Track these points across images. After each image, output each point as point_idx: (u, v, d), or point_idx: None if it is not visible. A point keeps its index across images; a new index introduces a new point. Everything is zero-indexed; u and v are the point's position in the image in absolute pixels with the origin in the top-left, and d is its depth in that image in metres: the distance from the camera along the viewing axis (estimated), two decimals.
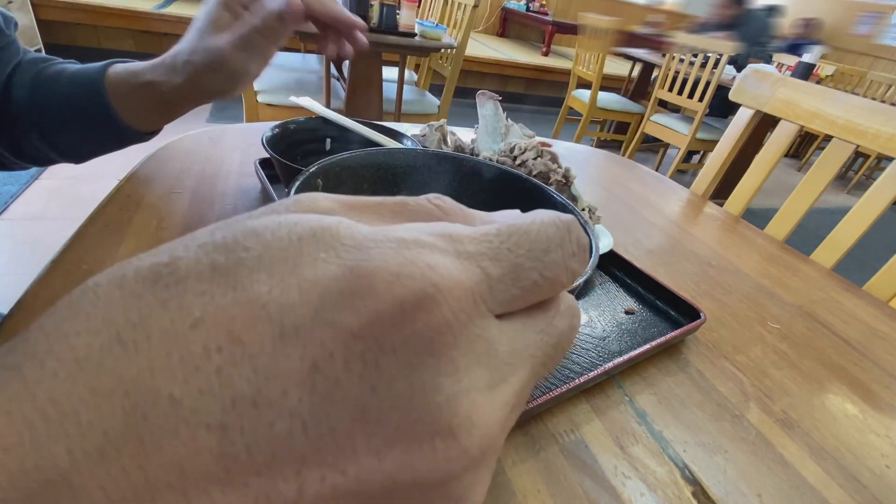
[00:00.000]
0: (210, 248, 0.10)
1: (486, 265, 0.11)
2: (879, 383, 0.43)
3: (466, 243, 0.11)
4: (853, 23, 4.97)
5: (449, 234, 0.11)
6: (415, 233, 0.11)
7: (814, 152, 3.93)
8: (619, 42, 2.75)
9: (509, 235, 0.12)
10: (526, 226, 0.12)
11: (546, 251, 0.12)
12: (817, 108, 0.71)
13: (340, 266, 0.10)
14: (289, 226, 0.10)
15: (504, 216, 0.13)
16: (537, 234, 0.12)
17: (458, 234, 0.11)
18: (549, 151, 0.45)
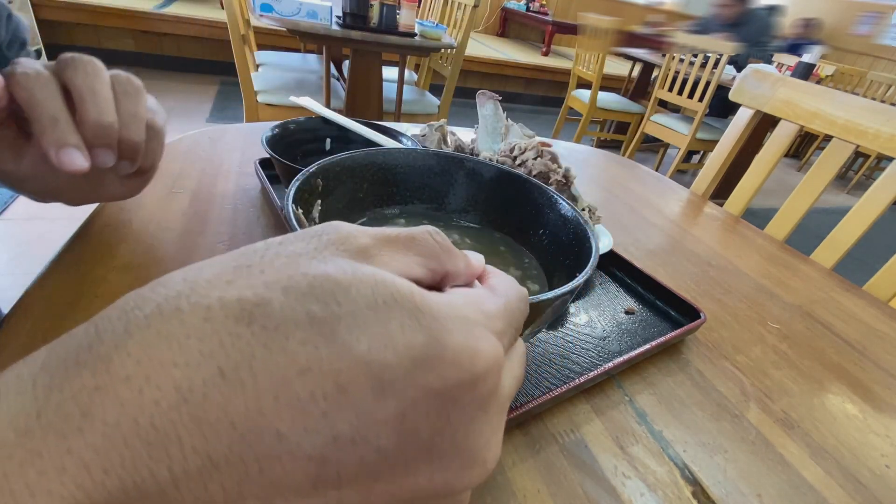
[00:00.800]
0: (300, 295, 0.11)
1: (505, 342, 0.14)
2: (879, 383, 0.43)
3: (496, 322, 0.14)
4: (853, 23, 4.97)
5: (487, 314, 0.14)
6: (468, 311, 0.13)
7: (814, 152, 3.93)
8: (619, 42, 2.75)
9: (509, 313, 0.15)
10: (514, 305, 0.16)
11: (521, 317, 0.17)
12: (817, 108, 0.71)
13: (426, 336, 0.12)
14: (371, 285, 0.12)
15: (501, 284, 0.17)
16: (517, 311, 0.16)
17: (490, 313, 0.14)
18: (549, 151, 0.45)
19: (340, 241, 0.13)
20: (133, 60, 2.96)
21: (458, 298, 0.14)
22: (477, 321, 0.13)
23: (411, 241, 0.15)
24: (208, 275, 0.11)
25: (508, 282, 0.17)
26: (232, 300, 0.11)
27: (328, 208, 0.32)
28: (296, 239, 0.13)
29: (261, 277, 0.11)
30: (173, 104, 2.55)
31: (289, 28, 1.45)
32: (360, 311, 0.11)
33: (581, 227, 0.34)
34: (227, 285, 0.11)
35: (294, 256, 0.12)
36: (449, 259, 0.16)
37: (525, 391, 0.33)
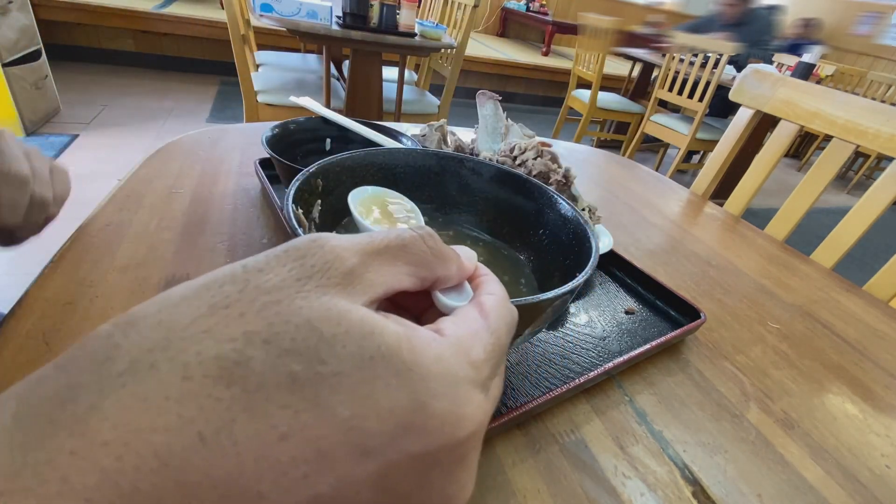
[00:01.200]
0: (282, 351, 0.11)
1: (489, 382, 0.14)
2: (879, 383, 0.43)
3: (484, 368, 0.14)
4: (853, 23, 4.97)
5: (475, 364, 0.13)
6: (456, 365, 0.13)
7: (814, 152, 3.93)
8: (619, 42, 2.75)
9: (499, 348, 0.15)
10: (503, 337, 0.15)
11: (507, 348, 0.16)
12: (817, 108, 0.71)
13: (411, 400, 0.11)
14: (358, 339, 0.11)
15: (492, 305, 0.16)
16: (508, 339, 0.16)
17: (479, 362, 0.14)
18: (549, 151, 0.45)
19: (326, 268, 0.12)
20: (133, 60, 2.96)
21: (446, 349, 0.13)
22: (464, 378, 0.13)
23: (401, 250, 0.14)
24: (184, 319, 0.11)
25: (499, 300, 0.16)
26: (210, 358, 0.10)
27: (328, 208, 0.32)
28: (277, 264, 0.12)
29: (240, 325, 0.11)
30: (173, 104, 2.55)
31: (289, 28, 1.45)
32: (345, 372, 0.11)
33: (581, 227, 0.34)
34: (205, 336, 0.10)
35: (276, 292, 0.11)
36: (440, 265, 0.16)
37: (525, 391, 0.33)
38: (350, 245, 0.13)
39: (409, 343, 0.12)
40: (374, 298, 0.13)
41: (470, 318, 0.15)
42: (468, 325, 0.15)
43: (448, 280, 0.16)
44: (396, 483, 0.11)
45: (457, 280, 0.17)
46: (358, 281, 0.13)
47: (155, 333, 0.10)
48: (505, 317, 0.16)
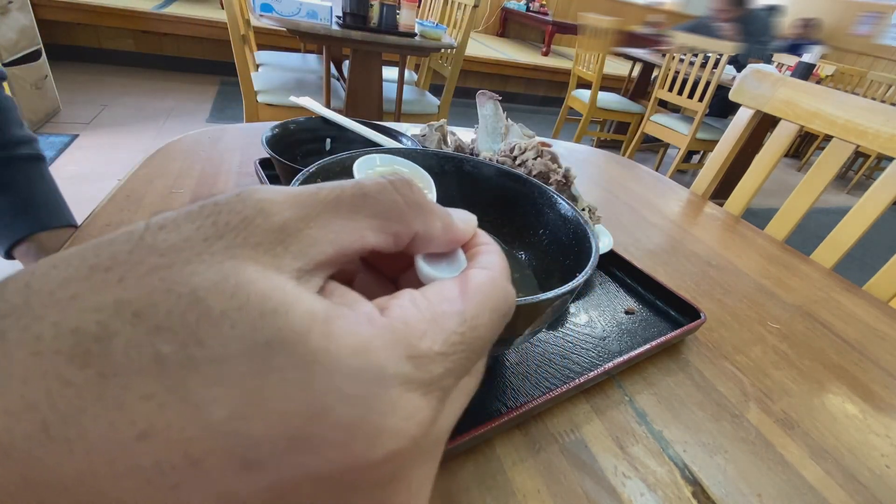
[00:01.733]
0: (153, 327, 0.08)
1: (447, 383, 0.11)
2: (879, 383, 0.43)
3: (433, 365, 0.11)
4: (853, 23, 4.97)
5: (418, 357, 0.10)
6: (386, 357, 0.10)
7: (814, 152, 3.93)
8: (619, 42, 2.75)
9: (472, 341, 0.12)
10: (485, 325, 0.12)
11: (490, 342, 0.13)
12: (817, 108, 0.71)
13: (310, 403, 0.09)
14: (253, 318, 0.09)
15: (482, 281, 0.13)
16: (492, 331, 0.12)
17: (426, 356, 0.10)
18: (549, 151, 0.45)
19: (243, 225, 0.10)
20: (133, 60, 2.96)
21: (376, 336, 0.10)
22: (394, 377, 0.10)
23: (361, 199, 0.12)
24: (55, 279, 0.09)
25: (490, 279, 0.13)
26: (67, 330, 0.08)
27: None
28: (185, 220, 0.10)
29: (115, 291, 0.09)
30: (173, 104, 2.55)
31: (289, 28, 1.45)
32: (228, 359, 0.08)
33: (581, 227, 0.34)
34: (70, 301, 0.08)
35: (171, 253, 0.09)
36: (418, 217, 0.13)
37: (525, 391, 0.33)
38: (284, 197, 0.11)
39: (324, 326, 0.09)
40: (318, 261, 0.11)
41: (442, 296, 0.12)
42: (431, 306, 0.11)
43: (431, 240, 0.13)
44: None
45: (444, 243, 0.14)
46: (292, 240, 0.10)
47: (16, 297, 0.08)
48: (493, 301, 0.12)
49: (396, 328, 0.10)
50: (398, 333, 0.10)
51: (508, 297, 0.13)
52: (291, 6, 1.43)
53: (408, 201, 0.12)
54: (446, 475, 0.27)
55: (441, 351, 0.11)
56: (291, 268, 0.10)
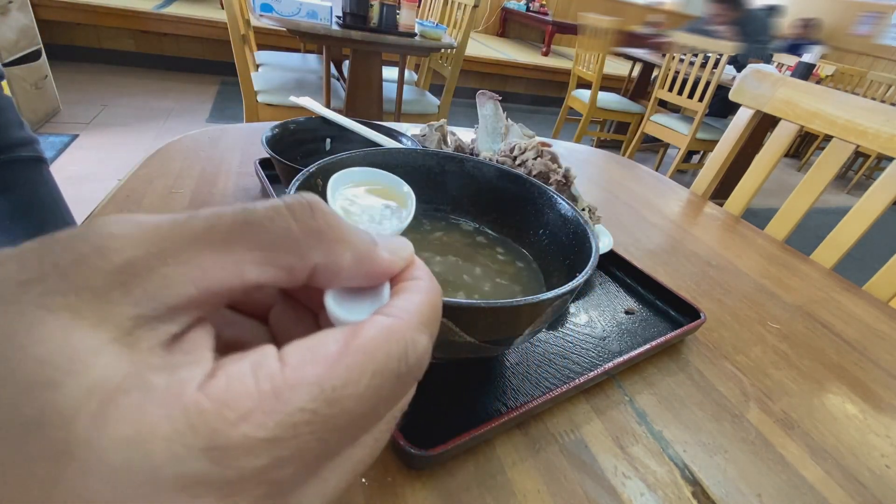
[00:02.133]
0: None
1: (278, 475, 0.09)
2: (879, 383, 0.43)
3: (255, 456, 0.08)
4: (853, 23, 4.97)
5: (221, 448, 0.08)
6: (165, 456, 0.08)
7: (814, 152, 3.93)
8: (619, 42, 2.75)
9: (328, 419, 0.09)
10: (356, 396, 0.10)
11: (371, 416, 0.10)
12: (817, 108, 0.71)
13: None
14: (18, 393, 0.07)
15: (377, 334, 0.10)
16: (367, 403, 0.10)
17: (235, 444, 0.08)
18: (549, 151, 0.45)
19: (77, 265, 0.08)
20: (133, 60, 2.96)
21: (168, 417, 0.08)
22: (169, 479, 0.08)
23: (242, 227, 0.10)
24: None
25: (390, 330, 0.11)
26: None
27: None
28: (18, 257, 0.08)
29: None
30: (173, 104, 2.55)
31: (289, 28, 1.45)
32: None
33: (581, 227, 0.34)
34: None
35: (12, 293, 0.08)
36: (318, 247, 0.11)
37: (525, 391, 0.33)
38: (137, 231, 0.09)
39: (102, 405, 0.08)
40: (171, 305, 0.09)
41: (307, 356, 0.10)
42: (279, 373, 0.09)
43: (337, 273, 0.11)
44: None
45: (358, 276, 0.12)
46: (136, 282, 0.09)
47: None
48: (378, 362, 0.10)
49: (200, 410, 0.08)
50: (200, 417, 0.08)
51: (409, 354, 0.11)
52: (291, 6, 1.43)
53: (304, 228, 0.10)
54: (446, 475, 0.27)
55: (269, 437, 0.08)
56: (124, 317, 0.08)
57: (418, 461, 0.27)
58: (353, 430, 0.10)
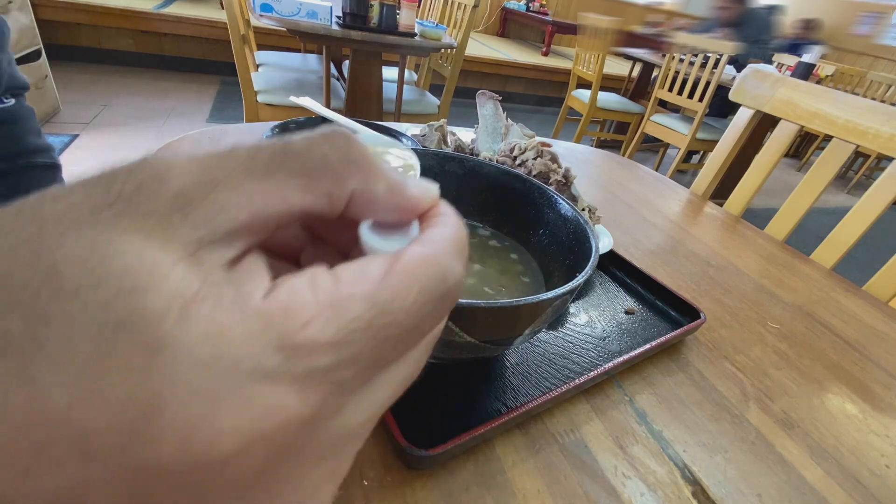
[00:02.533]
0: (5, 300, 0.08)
1: (340, 375, 0.10)
2: (879, 383, 0.43)
3: (320, 356, 0.09)
4: (853, 23, 4.97)
5: (292, 347, 0.09)
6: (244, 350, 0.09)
7: (814, 152, 3.93)
8: (619, 42, 2.75)
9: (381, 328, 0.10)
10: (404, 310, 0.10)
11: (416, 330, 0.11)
12: (817, 108, 0.71)
13: (148, 396, 0.08)
14: (106, 297, 0.08)
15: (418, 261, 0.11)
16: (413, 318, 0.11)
17: (304, 344, 0.09)
18: (549, 151, 0.45)
19: (139, 191, 0.09)
20: (133, 60, 2.96)
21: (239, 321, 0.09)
22: (249, 370, 0.09)
23: (281, 156, 0.10)
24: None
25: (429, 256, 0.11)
26: None
27: None
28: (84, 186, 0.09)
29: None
30: (173, 104, 2.55)
31: (289, 28, 1.45)
32: (72, 340, 0.08)
33: (581, 227, 0.34)
34: None
35: (51, 224, 0.08)
36: (354, 174, 0.11)
37: (525, 391, 0.33)
38: (187, 161, 0.10)
39: (184, 310, 0.09)
40: (227, 229, 0.10)
41: (357, 275, 0.10)
42: (335, 288, 0.10)
43: (372, 203, 0.12)
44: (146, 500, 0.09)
45: (391, 209, 0.12)
46: (193, 207, 0.09)
47: None
48: (423, 281, 0.11)
49: (270, 314, 0.09)
50: (270, 320, 0.09)
51: (448, 277, 0.11)
52: (291, 6, 1.43)
53: (341, 156, 0.11)
54: (446, 475, 0.27)
55: (331, 340, 0.10)
56: (188, 239, 0.09)
57: (418, 461, 0.27)
58: (400, 343, 0.11)
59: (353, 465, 0.28)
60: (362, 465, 0.27)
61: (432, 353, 0.12)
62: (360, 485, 0.26)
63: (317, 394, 0.09)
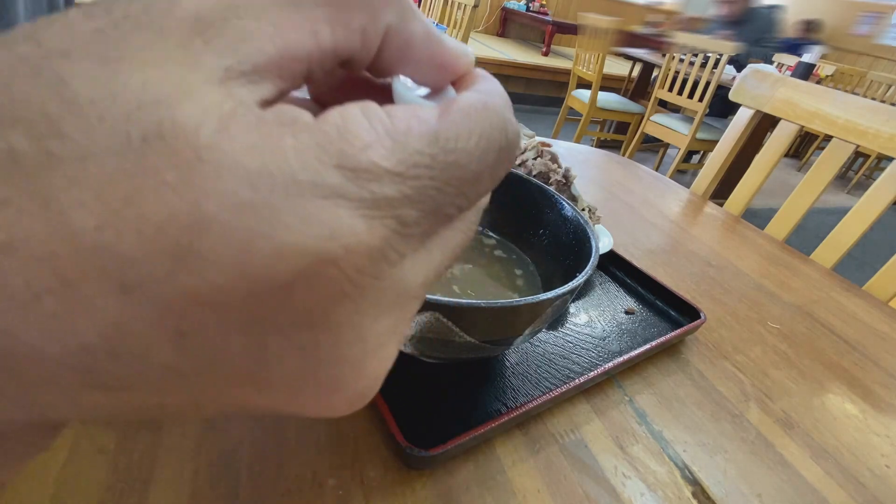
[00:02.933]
0: (13, 118, 0.07)
1: (404, 213, 0.09)
2: (879, 383, 0.43)
3: (384, 184, 0.08)
4: (853, 23, 4.97)
5: (354, 169, 0.08)
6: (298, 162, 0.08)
7: (814, 152, 3.93)
8: (619, 42, 2.75)
9: (445, 168, 0.09)
10: (467, 153, 0.09)
11: (477, 182, 0.10)
12: (817, 108, 0.71)
13: (192, 209, 0.07)
14: (128, 111, 0.07)
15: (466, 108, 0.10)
16: (476, 164, 0.10)
17: (366, 168, 0.08)
18: (549, 151, 0.45)
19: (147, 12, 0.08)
20: None
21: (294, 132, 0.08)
22: (307, 184, 0.08)
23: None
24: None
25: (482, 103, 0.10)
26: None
27: None
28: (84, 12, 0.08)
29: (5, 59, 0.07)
30: None
31: None
32: (94, 155, 0.07)
33: (581, 227, 0.34)
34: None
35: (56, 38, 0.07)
36: (388, 6, 0.10)
37: (525, 391, 0.33)
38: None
39: (220, 122, 0.07)
40: (256, 63, 0.08)
41: (411, 113, 0.09)
42: (390, 120, 0.09)
43: (409, 44, 0.10)
44: (206, 345, 0.08)
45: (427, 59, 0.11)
46: (214, 33, 0.08)
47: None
48: (483, 126, 0.10)
49: (324, 132, 0.08)
50: (325, 137, 0.08)
51: (508, 129, 0.10)
52: None
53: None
54: (446, 475, 0.27)
55: (394, 170, 0.08)
56: (212, 66, 0.08)
57: (418, 461, 0.27)
58: (461, 194, 0.10)
59: (353, 465, 0.27)
60: (362, 465, 0.27)
61: (432, 353, 0.12)
62: (360, 485, 0.26)
63: (383, 227, 0.08)
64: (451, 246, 0.11)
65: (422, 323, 0.24)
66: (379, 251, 0.08)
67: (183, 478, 0.24)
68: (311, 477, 0.26)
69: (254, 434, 0.27)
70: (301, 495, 0.25)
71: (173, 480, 0.24)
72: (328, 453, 0.27)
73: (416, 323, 0.24)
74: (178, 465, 0.25)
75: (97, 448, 0.25)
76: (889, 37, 4.76)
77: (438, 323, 0.24)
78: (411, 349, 0.27)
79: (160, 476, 0.24)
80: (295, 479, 0.25)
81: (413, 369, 0.32)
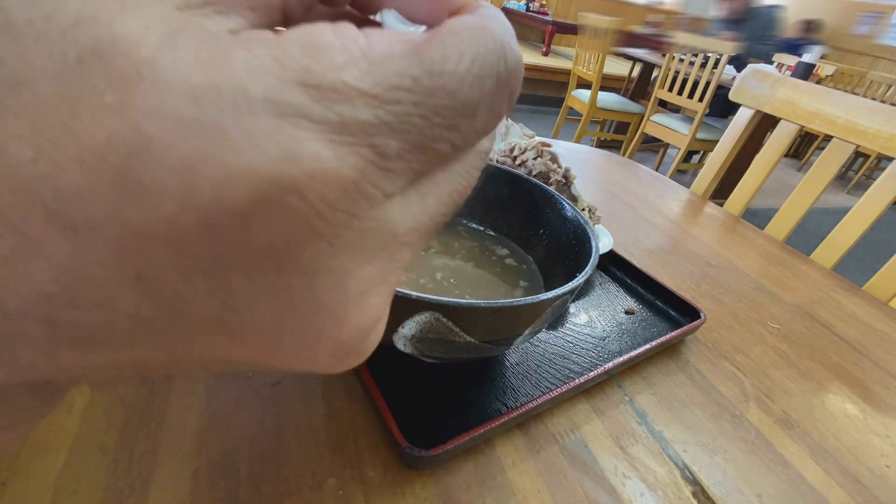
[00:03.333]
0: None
1: (382, 142, 0.08)
2: (879, 383, 0.43)
3: (356, 107, 0.07)
4: (853, 23, 4.97)
5: (319, 87, 0.07)
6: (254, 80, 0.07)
7: (814, 152, 3.93)
8: (619, 42, 2.75)
9: (431, 93, 0.08)
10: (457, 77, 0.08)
11: (472, 114, 0.09)
12: (817, 108, 0.71)
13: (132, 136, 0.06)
14: (64, 30, 0.06)
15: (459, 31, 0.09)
16: (468, 91, 0.08)
17: (341, 88, 0.07)
18: (549, 151, 0.45)
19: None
20: None
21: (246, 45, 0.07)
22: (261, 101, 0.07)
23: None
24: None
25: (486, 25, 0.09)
26: None
27: None
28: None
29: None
30: None
31: None
32: (29, 80, 0.06)
33: (581, 227, 0.34)
34: None
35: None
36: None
37: (525, 391, 0.33)
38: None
39: (164, 35, 0.07)
40: None
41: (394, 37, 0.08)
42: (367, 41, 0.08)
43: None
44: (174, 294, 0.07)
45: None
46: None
47: None
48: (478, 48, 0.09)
49: (284, 47, 0.07)
50: (285, 53, 0.07)
51: (507, 55, 0.09)
52: None
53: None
54: (446, 475, 0.27)
55: (370, 91, 0.07)
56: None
57: (418, 461, 0.27)
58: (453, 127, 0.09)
59: (353, 465, 0.28)
60: (362, 465, 0.27)
61: (432, 354, 0.11)
62: (360, 485, 0.26)
63: (356, 155, 0.07)
64: (449, 191, 0.10)
65: (422, 323, 0.24)
66: (353, 184, 0.07)
67: (183, 478, 0.24)
68: (311, 477, 0.26)
69: (254, 434, 0.27)
70: (301, 495, 0.25)
71: (173, 480, 0.24)
72: (328, 453, 0.27)
73: (416, 323, 0.24)
74: (178, 465, 0.25)
75: (97, 448, 0.25)
76: (889, 37, 4.75)
77: (438, 323, 0.24)
78: (411, 349, 0.27)
79: (160, 476, 0.24)
80: (295, 479, 0.25)
81: (413, 369, 0.32)
